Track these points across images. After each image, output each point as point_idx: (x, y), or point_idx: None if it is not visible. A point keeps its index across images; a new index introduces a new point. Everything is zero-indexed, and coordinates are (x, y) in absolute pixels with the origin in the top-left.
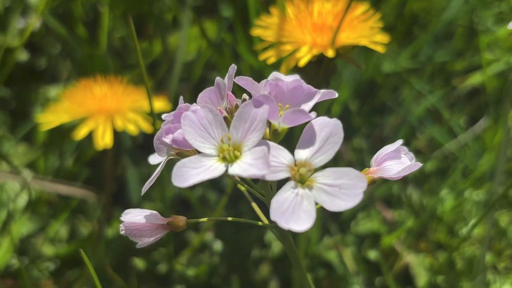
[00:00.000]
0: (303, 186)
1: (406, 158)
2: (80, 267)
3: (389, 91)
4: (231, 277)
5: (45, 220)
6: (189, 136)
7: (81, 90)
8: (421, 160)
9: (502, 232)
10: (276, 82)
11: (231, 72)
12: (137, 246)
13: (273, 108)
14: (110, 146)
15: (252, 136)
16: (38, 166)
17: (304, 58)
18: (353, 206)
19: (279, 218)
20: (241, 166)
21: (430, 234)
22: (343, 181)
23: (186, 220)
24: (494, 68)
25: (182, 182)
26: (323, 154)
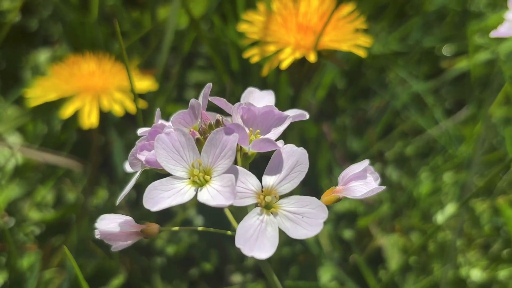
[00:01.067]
0: (268, 212)
1: (372, 178)
2: (64, 233)
3: (376, 72)
4: (210, 251)
5: (32, 185)
6: (161, 159)
7: (69, 66)
8: (404, 144)
9: (476, 220)
10: (248, 107)
11: (206, 91)
12: (112, 249)
13: (243, 136)
14: (96, 125)
15: (222, 162)
16: (28, 131)
17: (286, 60)
18: (315, 234)
19: (243, 245)
20: (209, 192)
21: (405, 220)
22: (306, 210)
23: (159, 228)
24: (481, 56)
25: (153, 205)
26: (288, 182)
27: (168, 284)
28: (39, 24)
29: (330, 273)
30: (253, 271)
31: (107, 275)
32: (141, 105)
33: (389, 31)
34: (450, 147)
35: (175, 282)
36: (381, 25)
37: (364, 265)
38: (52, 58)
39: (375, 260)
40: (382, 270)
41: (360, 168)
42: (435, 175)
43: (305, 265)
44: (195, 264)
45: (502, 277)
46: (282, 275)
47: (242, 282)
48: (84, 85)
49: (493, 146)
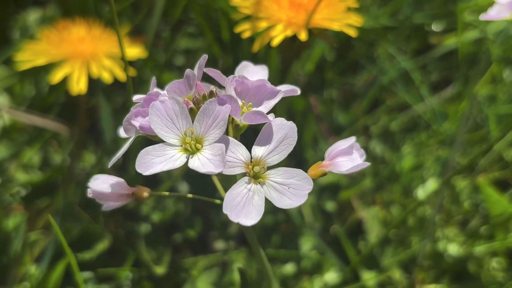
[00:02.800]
0: (256, 181)
1: (357, 154)
2: (50, 196)
3: (365, 46)
4: (194, 218)
5: (19, 147)
6: (155, 126)
7: (59, 31)
8: (389, 119)
9: (456, 197)
10: (242, 80)
11: (201, 63)
12: (102, 208)
13: (235, 107)
14: (85, 92)
15: (214, 132)
16: (15, 91)
17: (277, 37)
18: (299, 205)
19: (230, 211)
20: (200, 159)
21: (386, 194)
22: (292, 181)
23: (150, 192)
24: (470, 34)
25: (145, 169)
26: (277, 154)
27: (152, 249)
28: None
29: (311, 243)
30: (235, 238)
31: (92, 239)
32: (131, 73)
33: (380, 5)
34: (434, 123)
35: (159, 248)
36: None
37: (344, 237)
38: (41, 19)
39: (355, 232)
40: (362, 241)
41: (347, 144)
42: (417, 150)
43: (286, 234)
44: (179, 230)
45: (478, 253)
46: (264, 243)
47: (224, 249)
48: (73, 51)
49: (477, 124)
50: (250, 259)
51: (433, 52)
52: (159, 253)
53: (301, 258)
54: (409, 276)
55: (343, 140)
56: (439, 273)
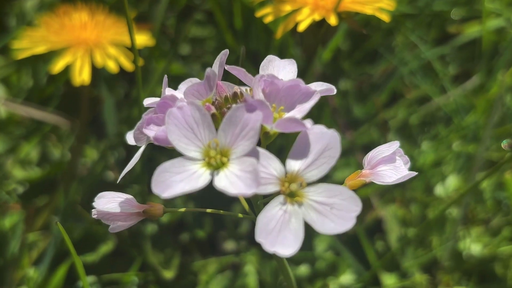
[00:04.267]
0: (292, 201)
1: (401, 161)
2: (49, 194)
3: (383, 35)
4: (203, 218)
5: (15, 141)
6: (173, 137)
7: (59, 17)
8: (407, 112)
9: (479, 194)
10: (271, 79)
11: (222, 59)
12: (109, 229)
13: (267, 114)
14: (88, 83)
15: (242, 143)
16: (12, 82)
17: (304, 22)
18: (344, 231)
19: (265, 239)
20: (228, 177)
21: (408, 191)
22: (335, 201)
23: (164, 209)
24: (494, 22)
25: (163, 190)
26: (316, 168)
27: (160, 252)
28: None
29: (326, 243)
30: (246, 238)
31: (95, 240)
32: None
33: None
34: (456, 117)
35: (167, 250)
36: None
37: (363, 237)
38: (39, 5)
39: (373, 231)
40: (380, 241)
41: (390, 150)
42: (437, 145)
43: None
44: (187, 230)
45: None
46: None
47: (235, 250)
48: (75, 38)
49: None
50: (263, 261)
51: (453, 42)
52: (167, 256)
53: (315, 259)
54: (432, 278)
55: (385, 145)
56: (462, 275)
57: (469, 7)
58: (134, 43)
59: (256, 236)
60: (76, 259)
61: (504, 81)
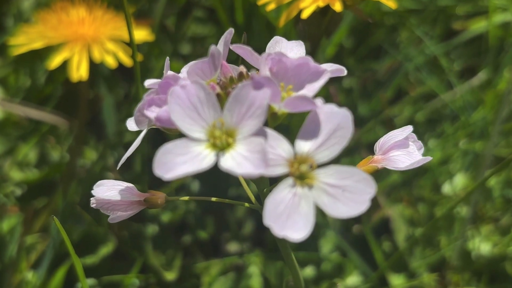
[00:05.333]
0: (302, 183)
1: (414, 146)
2: (48, 196)
3: (386, 31)
4: (205, 218)
5: (13, 142)
6: (177, 116)
7: (56, 13)
8: (413, 109)
9: (488, 192)
10: (279, 57)
11: (227, 38)
12: (109, 219)
13: (275, 92)
14: (86, 78)
15: (249, 122)
16: (9, 82)
17: (308, 9)
18: (358, 214)
19: (274, 222)
20: (234, 157)
21: (415, 188)
22: (348, 183)
23: (166, 197)
24: (500, 16)
25: (166, 171)
26: (327, 149)
27: (161, 253)
28: None
29: (332, 244)
30: (250, 239)
31: (94, 242)
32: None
33: None
34: (463, 113)
35: (169, 252)
36: None
37: (371, 237)
38: (36, 5)
39: (380, 231)
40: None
41: (403, 135)
42: (444, 143)
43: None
44: (189, 231)
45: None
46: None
47: (239, 251)
48: (73, 34)
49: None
50: (267, 262)
51: (459, 38)
52: (168, 257)
53: (321, 260)
54: (441, 279)
55: (398, 130)
56: (472, 275)
57: (473, 3)
58: (132, 37)
59: (264, 219)
60: (75, 261)
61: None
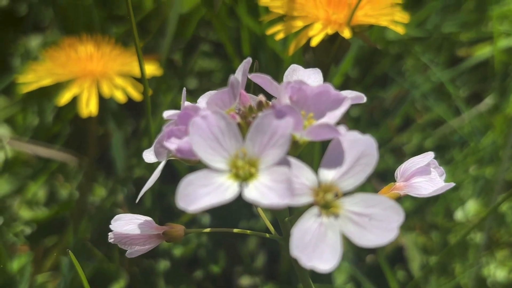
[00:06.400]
0: (327, 212)
1: (436, 173)
2: (58, 234)
3: (391, 60)
4: (217, 251)
5: (22, 181)
6: (198, 147)
7: (64, 50)
8: (421, 136)
9: (500, 218)
10: (299, 86)
11: (245, 67)
12: (126, 254)
13: (297, 120)
14: (95, 114)
15: (272, 152)
16: (17, 122)
17: (317, 37)
18: (386, 243)
19: (302, 253)
20: (258, 188)
21: (427, 215)
22: (374, 211)
23: (184, 230)
24: (504, 41)
25: (189, 203)
26: (352, 177)
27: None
28: (28, 8)
29: (346, 275)
30: (263, 272)
31: (106, 279)
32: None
33: None
34: (472, 139)
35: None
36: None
37: (386, 266)
38: (43, 44)
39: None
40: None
41: (424, 161)
42: (454, 170)
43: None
44: (200, 265)
45: None
46: (294, 277)
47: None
48: (81, 70)
49: None
50: None
51: (464, 64)
52: None
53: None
54: None
55: (419, 157)
56: None
57: (477, 30)
58: (143, 71)
59: (291, 250)
60: None
61: None
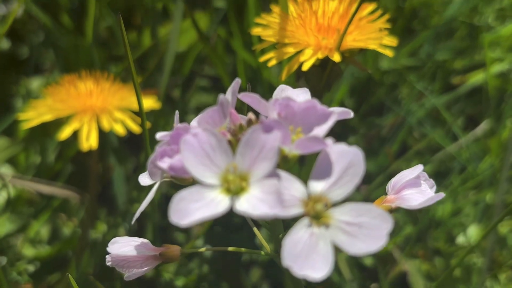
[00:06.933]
0: (318, 223)
1: (426, 185)
2: (61, 271)
3: (387, 89)
4: (220, 283)
5: (25, 220)
6: (189, 164)
7: (64, 87)
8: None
9: (502, 241)
10: (286, 102)
11: (234, 88)
12: (125, 278)
13: (285, 134)
14: (96, 148)
15: (262, 165)
16: (19, 162)
17: (308, 62)
18: (376, 250)
19: (293, 262)
20: (249, 201)
21: (429, 241)
22: (364, 220)
23: (181, 250)
24: (497, 67)
25: (181, 218)
26: (341, 188)
27: None
28: (30, 51)
29: None
30: None
31: None
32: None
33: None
34: (470, 164)
35: None
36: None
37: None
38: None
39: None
40: None
41: (413, 174)
42: (454, 196)
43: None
44: None
45: None
46: None
47: None
48: (81, 105)
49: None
50: None
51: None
52: None
53: None
54: None
55: (408, 170)
56: None
57: (470, 58)
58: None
59: (283, 260)
60: None
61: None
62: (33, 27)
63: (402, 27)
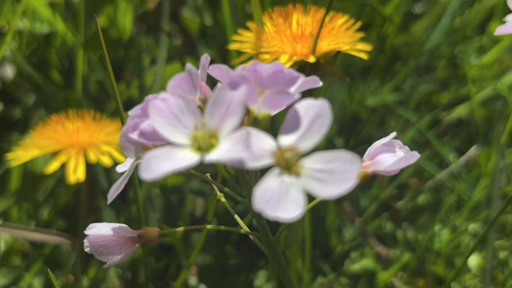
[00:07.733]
0: (289, 173)
1: (401, 151)
2: None
3: (375, 125)
4: None
5: (17, 272)
6: (159, 125)
7: (51, 126)
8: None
9: (503, 263)
10: (254, 67)
11: (204, 62)
12: (104, 266)
13: (251, 89)
14: (83, 180)
15: (230, 120)
16: (11, 215)
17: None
18: (347, 191)
19: (264, 206)
20: (217, 153)
21: (429, 267)
22: (334, 165)
23: (159, 231)
24: (482, 95)
25: (152, 173)
26: (310, 138)
27: None
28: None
29: None
30: None
31: None
32: None
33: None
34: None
35: None
36: (372, 82)
37: None
38: None
39: None
40: None
41: (387, 138)
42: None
43: None
44: None
45: None
46: None
47: None
48: (69, 141)
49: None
50: None
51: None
52: None
53: None
54: None
55: (383, 138)
56: None
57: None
58: None
59: (254, 205)
60: None
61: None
62: (25, 88)
63: (383, 68)
